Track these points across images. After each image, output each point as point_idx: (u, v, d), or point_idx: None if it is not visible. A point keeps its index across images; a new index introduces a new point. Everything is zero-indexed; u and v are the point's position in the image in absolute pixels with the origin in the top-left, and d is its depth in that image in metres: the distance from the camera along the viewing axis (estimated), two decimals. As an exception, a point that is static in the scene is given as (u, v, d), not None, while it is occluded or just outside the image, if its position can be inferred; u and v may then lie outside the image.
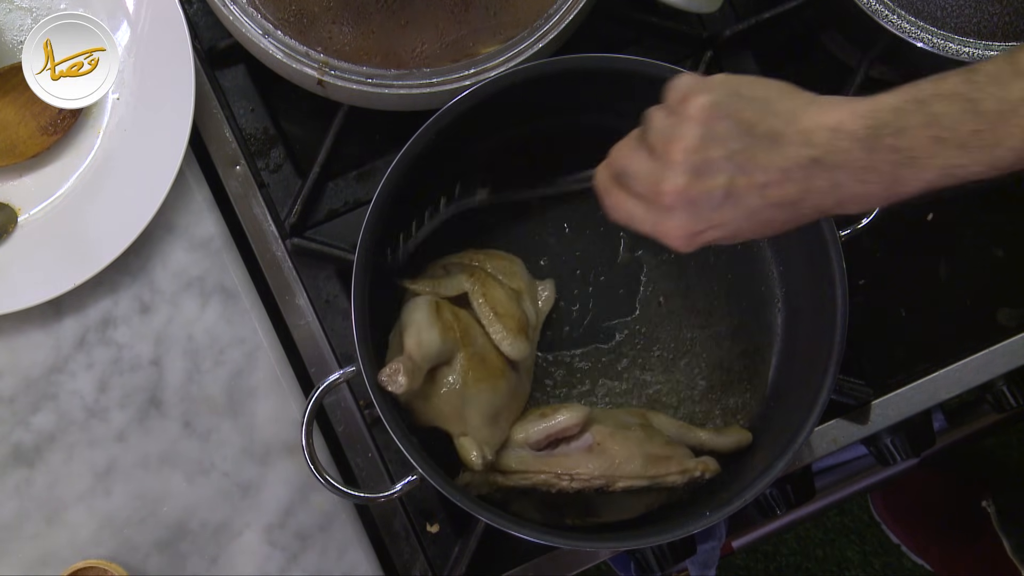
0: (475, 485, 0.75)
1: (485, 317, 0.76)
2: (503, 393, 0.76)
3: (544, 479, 0.73)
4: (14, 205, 0.82)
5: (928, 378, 0.89)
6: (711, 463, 0.76)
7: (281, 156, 0.89)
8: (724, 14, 0.91)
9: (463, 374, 0.74)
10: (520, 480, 0.73)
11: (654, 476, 0.73)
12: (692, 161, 0.57)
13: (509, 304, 0.77)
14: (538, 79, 0.76)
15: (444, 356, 0.74)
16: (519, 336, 0.76)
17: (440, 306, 0.75)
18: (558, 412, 0.74)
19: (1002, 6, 0.81)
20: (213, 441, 0.83)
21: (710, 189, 0.57)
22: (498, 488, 0.74)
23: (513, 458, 0.74)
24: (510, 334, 0.76)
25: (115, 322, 0.83)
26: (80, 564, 0.78)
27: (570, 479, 0.73)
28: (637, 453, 0.73)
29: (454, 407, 0.74)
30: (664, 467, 0.74)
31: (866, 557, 1.67)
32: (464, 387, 0.74)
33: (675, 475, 0.74)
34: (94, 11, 0.82)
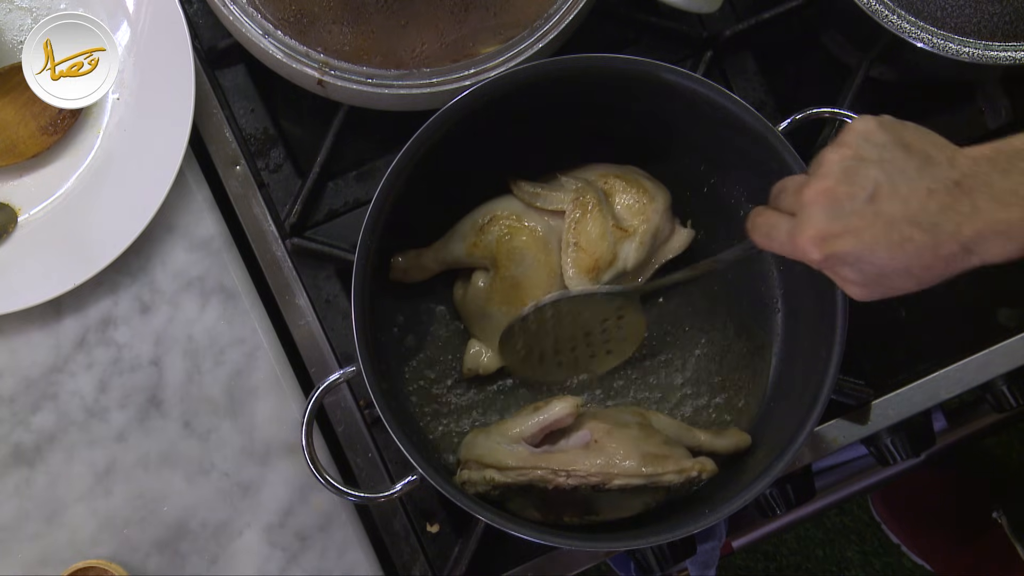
0: (472, 483, 0.75)
1: (565, 243, 0.77)
2: None
3: (540, 475, 0.73)
4: (14, 205, 0.82)
5: (928, 378, 0.89)
6: (708, 463, 0.76)
7: (281, 156, 0.89)
8: (724, 14, 0.91)
9: (487, 290, 0.79)
10: (517, 477, 0.73)
11: (651, 475, 0.73)
12: (845, 164, 0.58)
13: (599, 241, 0.77)
14: (538, 79, 0.76)
15: (469, 265, 0.81)
16: (585, 274, 0.77)
17: (495, 219, 0.78)
18: (551, 404, 0.75)
19: (1002, 6, 0.81)
20: (213, 441, 0.83)
21: (854, 191, 0.58)
22: (495, 485, 0.74)
23: (510, 454, 0.74)
24: (575, 268, 0.77)
25: (115, 322, 0.83)
26: (80, 564, 0.78)
27: (567, 475, 0.73)
28: (634, 451, 0.73)
29: (477, 309, 0.81)
30: (661, 466, 0.74)
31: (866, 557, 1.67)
32: (487, 301, 0.80)
33: (672, 474, 0.74)
34: (94, 11, 0.82)
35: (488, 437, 0.75)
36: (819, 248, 0.59)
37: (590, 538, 0.77)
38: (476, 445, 0.76)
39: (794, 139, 0.75)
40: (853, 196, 0.58)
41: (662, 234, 0.80)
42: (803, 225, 0.60)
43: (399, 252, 0.81)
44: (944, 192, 0.56)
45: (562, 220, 0.78)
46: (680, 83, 0.75)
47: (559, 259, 0.78)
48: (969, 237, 0.56)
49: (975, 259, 0.57)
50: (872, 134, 0.59)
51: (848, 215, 0.58)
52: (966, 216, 0.56)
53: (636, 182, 0.79)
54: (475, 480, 0.75)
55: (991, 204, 0.55)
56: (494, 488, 0.74)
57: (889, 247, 0.58)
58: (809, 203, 0.59)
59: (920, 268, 0.58)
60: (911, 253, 0.57)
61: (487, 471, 0.74)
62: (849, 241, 0.58)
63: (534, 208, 0.78)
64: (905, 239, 0.57)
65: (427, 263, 0.82)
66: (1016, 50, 0.79)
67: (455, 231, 0.81)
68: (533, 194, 0.78)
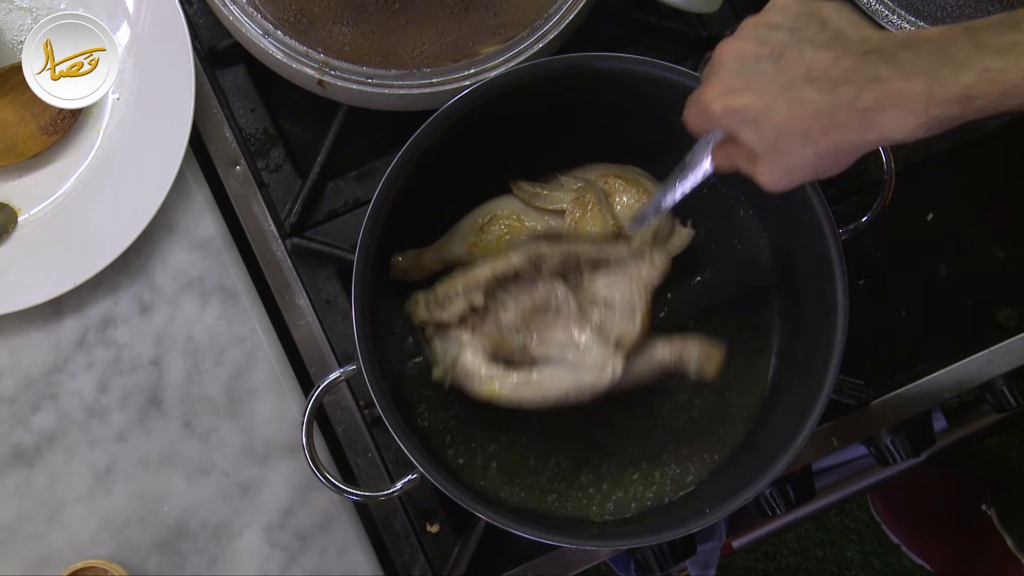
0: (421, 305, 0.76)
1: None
2: None
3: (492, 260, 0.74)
4: (14, 205, 0.82)
5: (928, 378, 0.89)
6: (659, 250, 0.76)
7: (281, 156, 0.89)
8: (724, 14, 0.91)
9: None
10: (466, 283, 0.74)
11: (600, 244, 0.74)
12: (759, 29, 0.60)
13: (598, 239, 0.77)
14: (538, 79, 0.76)
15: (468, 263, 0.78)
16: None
17: (495, 219, 0.78)
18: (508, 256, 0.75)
19: (1002, 6, 0.81)
20: (213, 441, 0.83)
21: (761, 51, 0.59)
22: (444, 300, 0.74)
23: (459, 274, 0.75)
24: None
25: (115, 322, 0.84)
26: (80, 564, 0.78)
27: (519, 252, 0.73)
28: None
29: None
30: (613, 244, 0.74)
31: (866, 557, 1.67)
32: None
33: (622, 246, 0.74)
34: (94, 11, 0.82)
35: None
36: (720, 101, 0.60)
37: (590, 538, 0.77)
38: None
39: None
40: (759, 56, 0.59)
41: (662, 233, 0.80)
42: (709, 81, 0.61)
43: (399, 251, 0.81)
44: (850, 61, 0.57)
45: (562, 220, 0.78)
46: (680, 83, 0.75)
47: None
48: (867, 103, 0.56)
49: (874, 133, 0.57)
50: (790, 5, 0.61)
51: (752, 74, 0.59)
52: (866, 83, 0.56)
53: (636, 182, 0.79)
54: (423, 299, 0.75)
55: (894, 73, 0.56)
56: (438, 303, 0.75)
57: (788, 104, 0.58)
58: (717, 60, 0.61)
59: (819, 132, 0.58)
60: (808, 114, 0.58)
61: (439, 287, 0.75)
62: (748, 96, 0.59)
63: (534, 208, 0.78)
64: (804, 99, 0.58)
65: (427, 262, 0.82)
66: (1016, 50, 0.79)
67: (455, 231, 0.81)
68: (533, 194, 0.79)
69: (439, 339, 0.76)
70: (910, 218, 0.93)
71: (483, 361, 0.75)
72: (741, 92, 0.60)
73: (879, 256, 0.91)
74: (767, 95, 0.59)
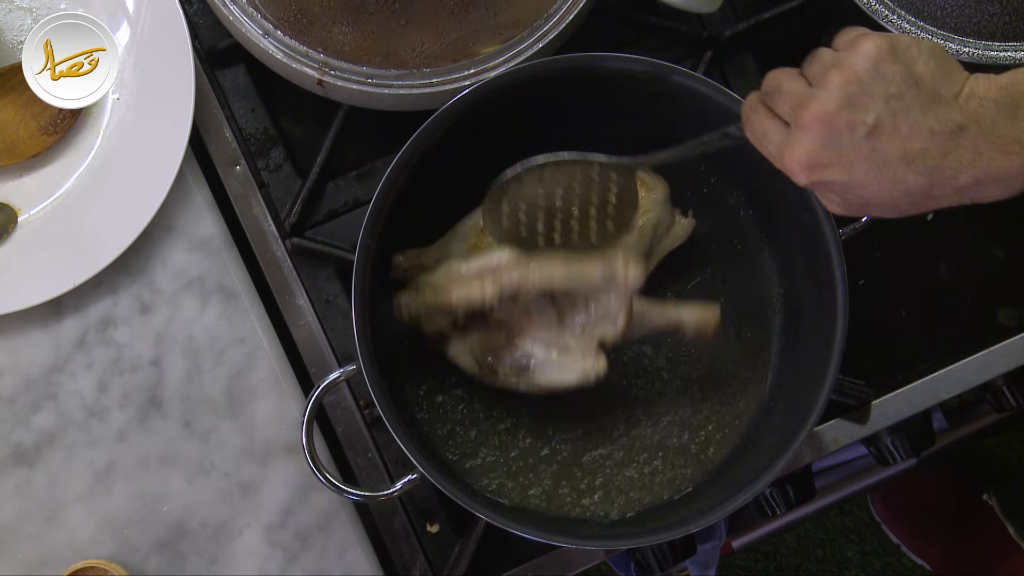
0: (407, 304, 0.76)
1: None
2: None
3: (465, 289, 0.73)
4: (14, 205, 0.82)
5: (928, 378, 0.89)
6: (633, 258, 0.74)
7: (281, 156, 0.89)
8: (724, 14, 0.91)
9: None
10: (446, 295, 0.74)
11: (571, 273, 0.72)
12: (849, 91, 0.56)
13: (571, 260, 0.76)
14: (538, 79, 0.76)
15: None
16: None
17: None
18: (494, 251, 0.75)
19: (1002, 6, 0.81)
20: (213, 441, 0.83)
21: (855, 122, 0.56)
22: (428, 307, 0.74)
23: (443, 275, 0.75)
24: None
25: (115, 322, 0.84)
26: (80, 564, 0.78)
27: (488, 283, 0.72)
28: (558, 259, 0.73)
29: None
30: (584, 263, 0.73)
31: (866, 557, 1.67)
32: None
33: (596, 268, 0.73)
34: (94, 11, 0.82)
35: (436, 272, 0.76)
36: (807, 174, 0.58)
37: (590, 538, 0.77)
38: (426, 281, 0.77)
39: (794, 139, 0.75)
40: (852, 127, 0.56)
41: (662, 225, 0.80)
42: (795, 146, 0.58)
43: (400, 252, 0.81)
44: (947, 135, 0.55)
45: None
46: (680, 82, 0.75)
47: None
48: (965, 183, 0.55)
49: (965, 199, 0.56)
50: (883, 62, 0.56)
51: (844, 147, 0.56)
52: (967, 163, 0.55)
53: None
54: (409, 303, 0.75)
55: (994, 152, 0.54)
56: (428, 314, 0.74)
57: (880, 184, 0.56)
58: (805, 126, 0.57)
59: (907, 204, 0.57)
60: (902, 191, 0.56)
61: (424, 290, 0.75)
62: (839, 173, 0.57)
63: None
64: (899, 179, 0.56)
65: (428, 263, 0.81)
66: (1016, 50, 0.79)
67: (456, 231, 0.81)
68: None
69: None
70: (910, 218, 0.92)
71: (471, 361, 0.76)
72: (831, 167, 0.57)
73: (879, 256, 0.91)
74: (859, 172, 0.56)
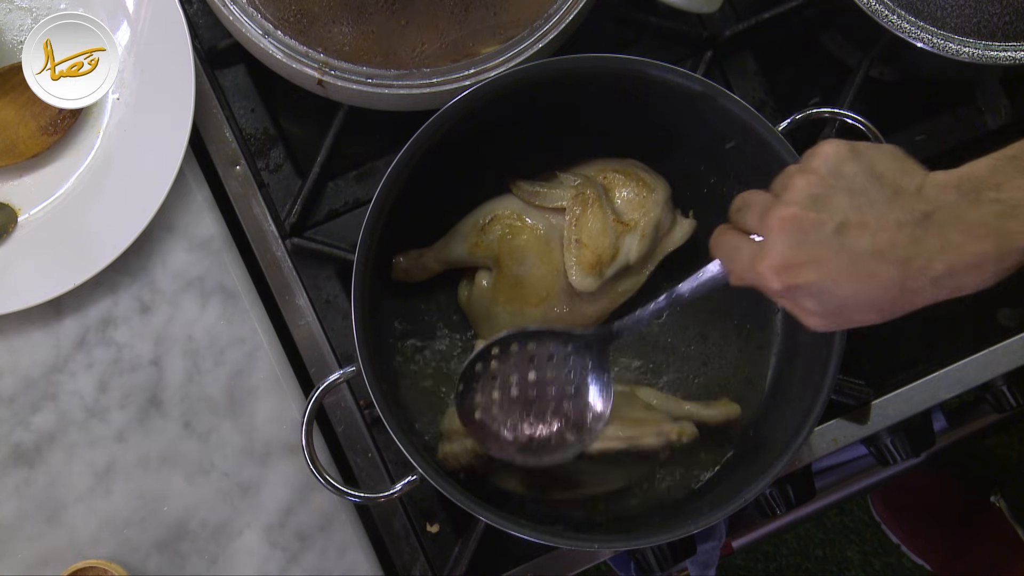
0: (453, 455, 0.75)
1: (567, 241, 0.77)
2: (534, 318, 0.78)
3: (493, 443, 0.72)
4: (14, 205, 0.82)
5: (928, 378, 0.89)
6: (688, 427, 0.74)
7: (281, 156, 0.89)
8: (724, 14, 0.91)
9: (492, 290, 0.79)
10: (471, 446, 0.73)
11: (628, 438, 0.72)
12: (813, 192, 0.57)
13: (600, 236, 0.76)
14: (538, 79, 0.76)
15: (471, 264, 0.80)
16: (589, 271, 0.76)
17: (496, 219, 0.78)
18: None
19: (1002, 6, 0.81)
20: (213, 441, 0.83)
21: (822, 220, 0.56)
22: (476, 456, 0.73)
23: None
24: (578, 265, 0.76)
25: (115, 322, 0.83)
26: (80, 564, 0.78)
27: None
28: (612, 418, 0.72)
29: (483, 310, 0.80)
30: (639, 429, 0.72)
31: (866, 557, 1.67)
32: (491, 301, 0.79)
33: (651, 437, 0.72)
34: (94, 11, 0.82)
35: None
36: (780, 278, 0.57)
37: (590, 538, 0.76)
38: (447, 417, 0.76)
39: (794, 139, 0.75)
40: (820, 226, 0.56)
41: (664, 225, 0.80)
42: (766, 252, 0.58)
43: (400, 252, 0.81)
44: (914, 225, 0.55)
45: (563, 217, 0.78)
46: (680, 83, 0.75)
47: (562, 256, 0.78)
48: (939, 272, 0.55)
49: (943, 292, 0.56)
50: (843, 163, 0.57)
51: (814, 245, 0.56)
52: (937, 251, 0.54)
53: (635, 175, 0.79)
54: (456, 452, 0.74)
55: (963, 238, 0.54)
56: (475, 459, 0.73)
57: (853, 281, 0.56)
58: (774, 229, 0.57)
59: (887, 302, 0.57)
60: (877, 287, 0.56)
61: (468, 440, 0.73)
62: (812, 272, 0.56)
63: (534, 207, 0.78)
64: (872, 273, 0.56)
65: (428, 263, 0.82)
66: (1016, 50, 0.79)
67: (456, 231, 0.81)
68: (533, 192, 0.78)
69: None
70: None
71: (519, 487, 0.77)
72: (803, 268, 0.57)
73: (879, 256, 0.91)
74: (831, 270, 0.56)
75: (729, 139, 0.78)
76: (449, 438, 0.76)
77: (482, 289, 0.80)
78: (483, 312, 0.81)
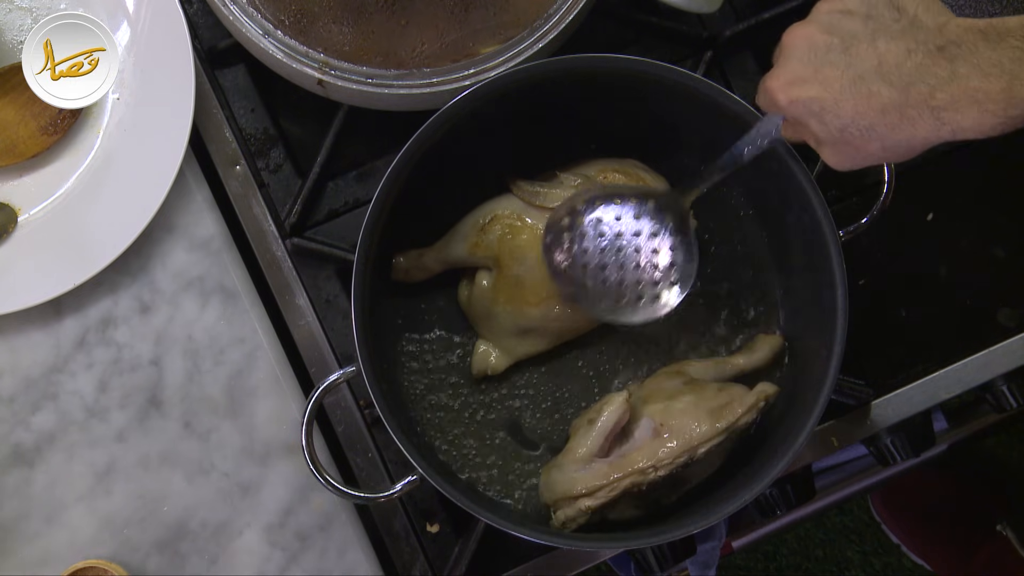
0: (572, 519, 0.74)
1: None
2: (534, 317, 0.79)
3: (631, 481, 0.72)
4: (14, 205, 0.82)
5: (928, 378, 0.89)
6: (768, 388, 0.75)
7: (281, 156, 0.89)
8: (724, 14, 0.91)
9: (492, 290, 0.79)
10: (609, 493, 0.72)
11: (727, 427, 0.72)
12: (832, 15, 0.58)
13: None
14: (538, 79, 0.76)
15: (471, 264, 0.80)
16: None
17: (496, 219, 0.78)
18: (601, 411, 0.74)
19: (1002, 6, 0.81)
20: (213, 441, 0.83)
21: (832, 39, 0.57)
22: (593, 512, 0.73)
23: (591, 477, 0.73)
24: None
25: (115, 322, 0.83)
26: (80, 564, 0.78)
27: (655, 469, 0.72)
28: (701, 414, 0.73)
29: (483, 310, 0.80)
30: (732, 413, 0.73)
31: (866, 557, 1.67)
32: (492, 301, 0.79)
33: (743, 415, 0.73)
34: (94, 11, 0.82)
35: (562, 470, 0.74)
36: (786, 92, 0.59)
37: (590, 538, 0.76)
38: (555, 483, 0.75)
39: (794, 139, 0.75)
40: (830, 44, 0.57)
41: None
42: (777, 69, 0.60)
43: (400, 252, 0.81)
44: (924, 54, 0.55)
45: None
46: (680, 83, 0.75)
47: None
48: (941, 102, 0.54)
49: (945, 129, 0.55)
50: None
51: (821, 62, 0.57)
52: (942, 80, 0.54)
53: (635, 175, 0.79)
54: (573, 516, 0.74)
55: (972, 72, 0.53)
56: (593, 514, 0.74)
57: (855, 98, 0.56)
58: (787, 46, 0.60)
59: (885, 127, 0.56)
60: (877, 109, 0.56)
61: (580, 502, 0.73)
62: (815, 88, 0.58)
63: (534, 206, 0.78)
64: (872, 93, 0.56)
65: (428, 263, 0.82)
66: (1016, 50, 0.79)
67: (456, 231, 0.81)
68: (533, 192, 0.78)
69: None
70: (910, 218, 0.93)
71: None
72: (808, 83, 0.58)
73: (879, 256, 0.91)
74: (834, 87, 0.57)
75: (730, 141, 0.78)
76: (557, 507, 0.75)
77: (482, 289, 0.80)
78: (483, 312, 0.81)
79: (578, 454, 0.74)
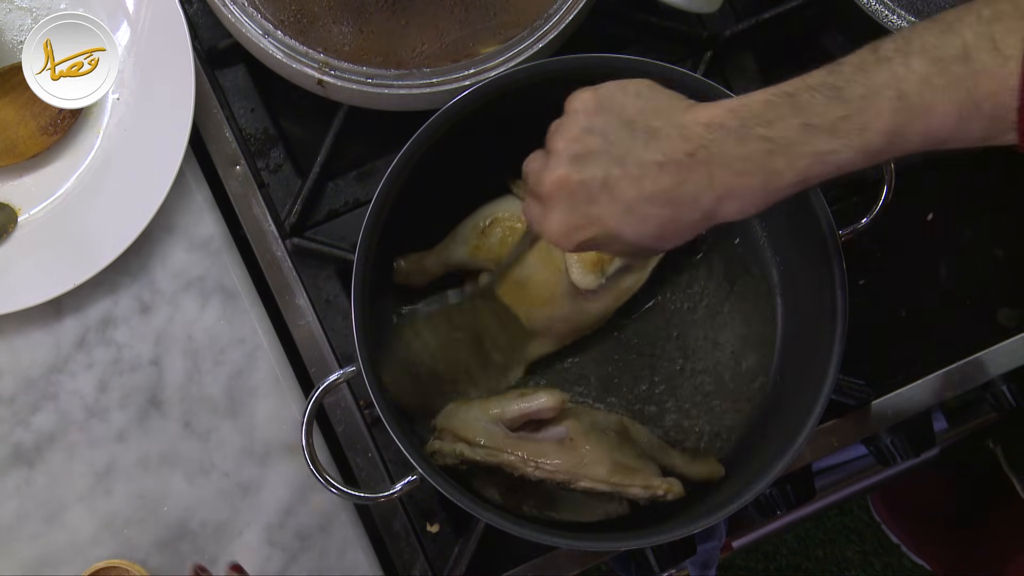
0: (441, 453, 0.75)
1: None
2: (537, 320, 0.79)
3: (510, 460, 0.73)
4: (14, 205, 0.82)
5: (928, 378, 0.89)
6: (676, 485, 0.75)
7: (281, 156, 0.89)
8: (724, 14, 0.91)
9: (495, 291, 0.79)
10: (486, 456, 0.73)
11: (617, 484, 0.73)
12: (572, 151, 0.59)
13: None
14: (538, 79, 0.76)
15: (473, 267, 0.81)
16: (590, 269, 0.77)
17: (496, 222, 0.78)
18: (537, 394, 0.75)
19: None
20: (213, 441, 0.83)
21: (587, 179, 0.58)
22: (463, 460, 0.74)
23: (485, 432, 0.74)
24: (580, 263, 0.77)
25: (115, 322, 0.83)
26: (101, 564, 0.77)
27: (535, 466, 0.72)
28: (606, 458, 0.73)
29: None
30: (629, 478, 0.73)
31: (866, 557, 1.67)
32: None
33: (638, 488, 0.74)
34: (94, 11, 0.82)
35: (468, 411, 0.75)
36: (567, 240, 0.60)
37: (590, 538, 0.77)
38: (455, 416, 0.76)
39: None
40: (587, 186, 0.58)
41: None
42: (548, 219, 0.61)
43: (401, 255, 0.81)
44: (675, 165, 0.56)
45: None
46: (680, 83, 0.75)
47: (563, 257, 0.78)
48: (708, 205, 0.57)
49: (720, 219, 0.58)
50: (592, 116, 0.59)
51: (587, 205, 0.59)
52: (703, 187, 0.56)
53: None
54: (445, 451, 0.74)
55: (727, 174, 0.56)
56: (462, 463, 0.74)
57: (634, 226, 0.58)
58: (548, 197, 0.60)
59: (671, 233, 0.59)
60: (656, 227, 0.58)
61: (458, 444, 0.74)
62: (594, 228, 0.59)
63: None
64: (647, 216, 0.58)
65: (430, 266, 0.81)
66: (1016, 50, 0.79)
67: (457, 234, 0.81)
68: None
69: None
70: (910, 218, 0.93)
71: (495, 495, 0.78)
72: (585, 228, 0.59)
73: (879, 256, 0.91)
74: (609, 223, 0.59)
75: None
76: (440, 436, 0.76)
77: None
78: None
79: (491, 411, 0.75)
